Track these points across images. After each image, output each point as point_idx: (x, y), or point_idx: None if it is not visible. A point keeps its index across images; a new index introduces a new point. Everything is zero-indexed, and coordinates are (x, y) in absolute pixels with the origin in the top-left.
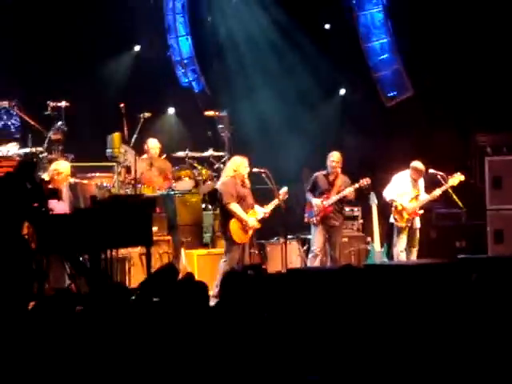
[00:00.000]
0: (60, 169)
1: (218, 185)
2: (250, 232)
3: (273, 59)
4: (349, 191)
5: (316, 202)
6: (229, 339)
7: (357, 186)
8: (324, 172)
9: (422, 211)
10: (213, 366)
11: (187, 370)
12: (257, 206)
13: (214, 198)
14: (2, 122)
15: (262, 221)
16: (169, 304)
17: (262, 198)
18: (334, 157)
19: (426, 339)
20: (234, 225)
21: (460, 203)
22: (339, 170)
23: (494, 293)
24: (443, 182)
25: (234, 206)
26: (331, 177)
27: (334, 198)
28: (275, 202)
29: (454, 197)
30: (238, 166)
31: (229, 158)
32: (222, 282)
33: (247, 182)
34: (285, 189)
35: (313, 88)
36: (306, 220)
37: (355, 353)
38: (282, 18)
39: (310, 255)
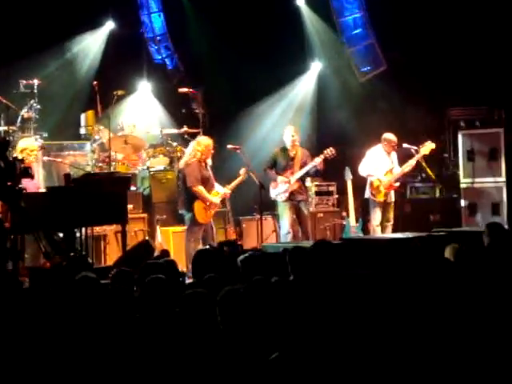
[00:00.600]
0: (29, 147)
1: (182, 165)
2: (213, 212)
3: (246, 34)
4: (317, 162)
5: (282, 179)
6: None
7: (322, 156)
8: (282, 148)
9: (397, 184)
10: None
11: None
12: (217, 185)
13: None
14: None
15: (236, 198)
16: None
17: (236, 174)
18: (291, 130)
19: (401, 313)
20: (198, 206)
21: (432, 174)
22: (298, 144)
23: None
24: (415, 154)
25: (199, 189)
26: (291, 151)
27: (300, 172)
28: (237, 181)
29: (426, 167)
30: (204, 148)
31: (203, 134)
32: (195, 260)
33: (210, 162)
34: (243, 169)
35: (287, 63)
36: (272, 198)
37: (331, 326)
38: None
39: (281, 233)
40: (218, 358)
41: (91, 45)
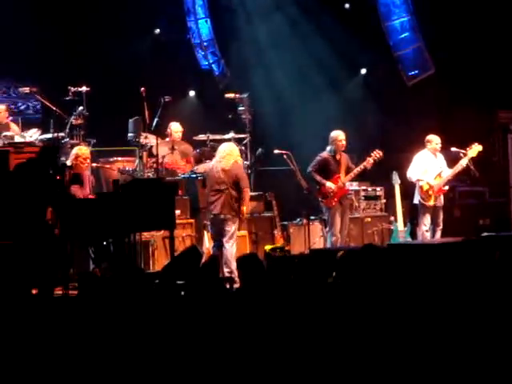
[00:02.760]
0: (80, 154)
1: (229, 168)
2: None
3: (294, 40)
4: (370, 163)
5: (330, 185)
6: (253, 322)
7: (370, 160)
8: (330, 153)
9: (447, 187)
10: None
11: (208, 353)
12: None
13: None
14: (24, 108)
15: (283, 203)
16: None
17: (283, 179)
18: (343, 136)
19: (451, 318)
20: (246, 208)
21: (477, 174)
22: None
23: None
24: (463, 157)
25: (248, 191)
26: (337, 156)
27: (348, 177)
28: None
29: (473, 168)
30: (239, 153)
31: (250, 141)
32: (241, 265)
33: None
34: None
35: (334, 68)
36: (322, 204)
37: (380, 331)
38: None
39: (331, 238)
40: None
41: (139, 51)
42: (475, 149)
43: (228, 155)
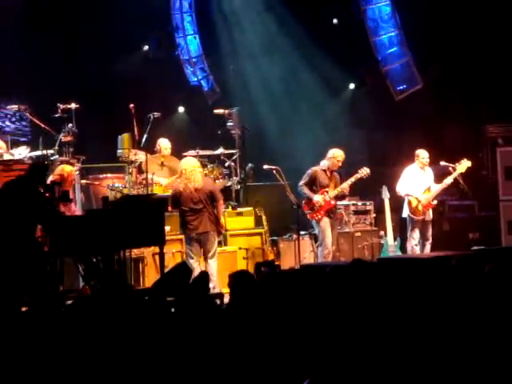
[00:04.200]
0: (65, 173)
1: (202, 186)
2: None
3: (283, 56)
4: (352, 181)
5: (317, 198)
6: (243, 337)
7: (358, 176)
8: (323, 167)
9: (435, 202)
10: (224, 365)
11: (198, 368)
12: None
13: (226, 195)
14: (13, 126)
15: (272, 218)
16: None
17: (273, 194)
18: (342, 156)
19: (441, 332)
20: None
21: (467, 189)
22: None
23: (509, 284)
24: (452, 171)
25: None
26: (328, 172)
27: (335, 192)
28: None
29: (464, 185)
30: (199, 167)
31: (239, 156)
32: (232, 282)
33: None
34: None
35: (322, 84)
36: (309, 217)
37: (370, 347)
38: (290, 13)
39: (323, 251)
40: None
41: (128, 68)
42: (464, 164)
43: (193, 171)
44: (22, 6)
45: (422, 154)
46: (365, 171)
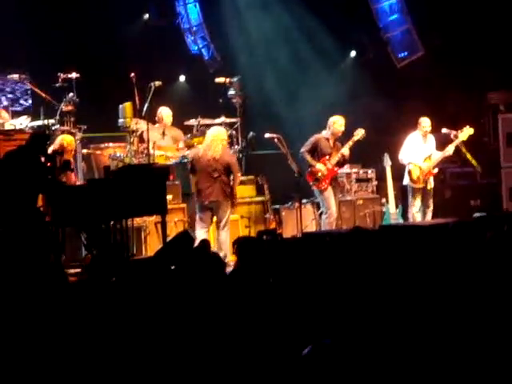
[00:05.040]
0: (65, 144)
1: (220, 155)
2: None
3: (284, 23)
4: (350, 144)
5: (320, 166)
6: (246, 304)
7: (355, 138)
8: (325, 135)
9: (436, 170)
10: (229, 334)
11: (203, 339)
12: None
13: None
14: (14, 95)
15: (274, 186)
16: (185, 272)
17: (274, 162)
18: (343, 121)
19: (443, 299)
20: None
21: (475, 162)
22: None
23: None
24: (454, 139)
25: (239, 176)
26: (331, 141)
27: (336, 158)
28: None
29: (466, 153)
30: (226, 137)
31: (241, 125)
32: (238, 248)
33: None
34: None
35: (323, 51)
36: (315, 187)
37: (371, 315)
38: None
39: (328, 219)
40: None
41: (128, 36)
42: (466, 132)
43: (214, 141)
44: None
45: (424, 122)
46: (360, 132)
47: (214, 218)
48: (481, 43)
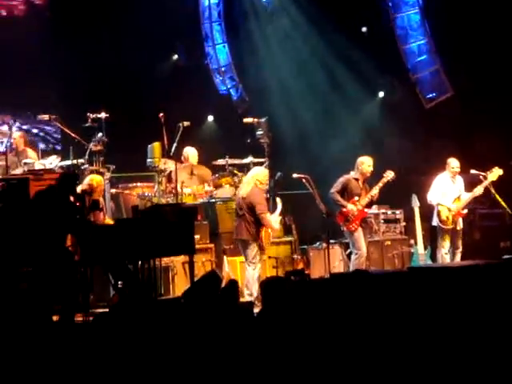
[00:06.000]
0: (94, 183)
1: (247, 195)
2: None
3: (312, 64)
4: (380, 186)
5: (351, 207)
6: (273, 346)
7: (384, 179)
8: (354, 176)
9: (465, 211)
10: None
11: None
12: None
13: None
14: (44, 135)
15: (302, 226)
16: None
17: (302, 203)
18: (371, 162)
19: (473, 339)
20: (265, 233)
21: (501, 200)
22: None
23: None
24: (483, 180)
25: (268, 216)
26: (361, 182)
27: (366, 199)
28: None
29: (495, 194)
30: (263, 178)
31: (268, 165)
32: (265, 288)
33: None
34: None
35: (352, 92)
36: (345, 228)
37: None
38: (319, 22)
39: (358, 260)
40: None
41: (157, 77)
42: (496, 172)
43: (247, 182)
44: (49, 13)
45: (453, 163)
46: (390, 174)
47: None
48: (509, 83)
